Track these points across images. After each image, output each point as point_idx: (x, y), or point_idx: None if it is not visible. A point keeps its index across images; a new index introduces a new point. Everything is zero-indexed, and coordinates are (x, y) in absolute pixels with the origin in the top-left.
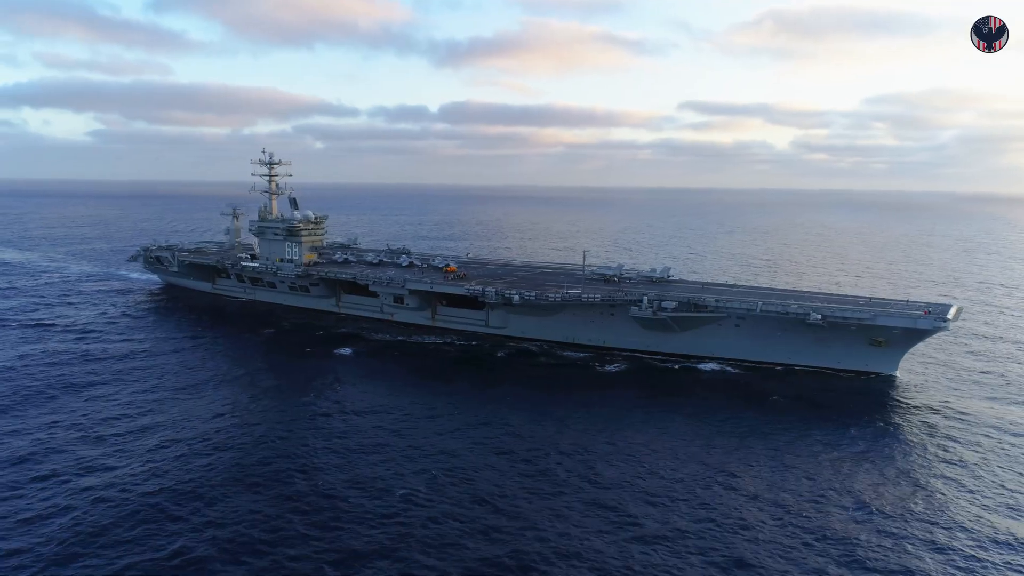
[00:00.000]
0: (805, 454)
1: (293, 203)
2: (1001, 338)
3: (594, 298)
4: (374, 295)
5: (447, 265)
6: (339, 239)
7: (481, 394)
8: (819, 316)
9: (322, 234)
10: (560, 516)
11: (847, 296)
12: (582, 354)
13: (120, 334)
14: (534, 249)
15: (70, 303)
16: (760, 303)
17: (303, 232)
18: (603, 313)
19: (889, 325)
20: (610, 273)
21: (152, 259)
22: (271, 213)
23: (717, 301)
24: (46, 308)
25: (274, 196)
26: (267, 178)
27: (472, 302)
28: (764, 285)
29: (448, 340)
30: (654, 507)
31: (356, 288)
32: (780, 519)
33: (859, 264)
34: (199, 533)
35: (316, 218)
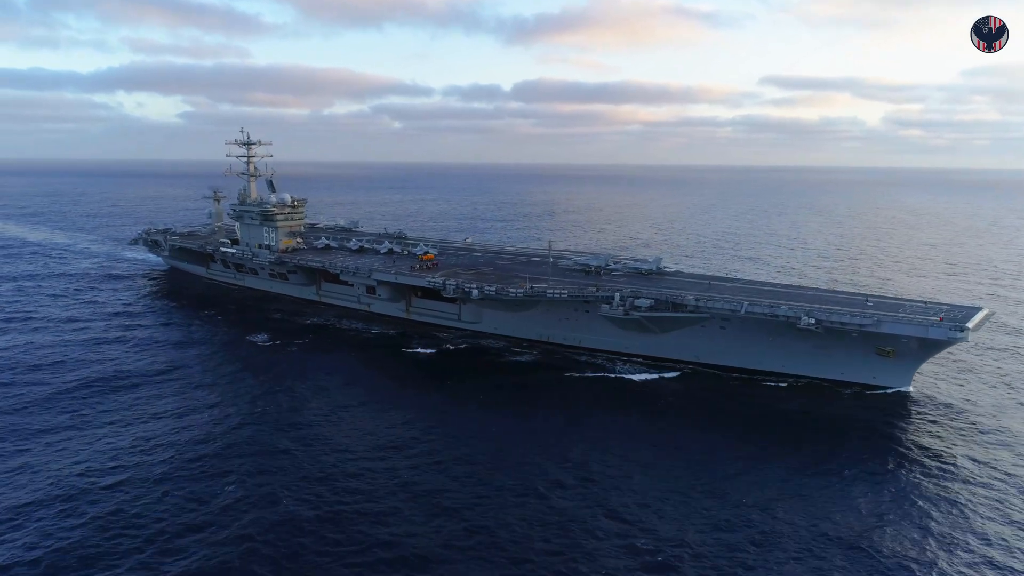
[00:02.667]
0: (751, 492)
1: (270, 185)
2: None
3: (561, 294)
4: (352, 284)
5: (425, 253)
6: (341, 222)
7: (366, 393)
8: (812, 320)
9: (300, 219)
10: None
11: (858, 295)
12: (496, 343)
13: (56, 319)
14: (571, 233)
15: (40, 285)
16: (745, 303)
17: (278, 217)
18: (577, 310)
19: (894, 333)
20: (595, 264)
21: (151, 242)
22: (250, 196)
23: (697, 300)
24: (11, 291)
25: (252, 178)
26: (244, 159)
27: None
28: (775, 280)
29: (370, 328)
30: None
31: (334, 277)
32: None
33: (916, 252)
34: None
35: (294, 202)
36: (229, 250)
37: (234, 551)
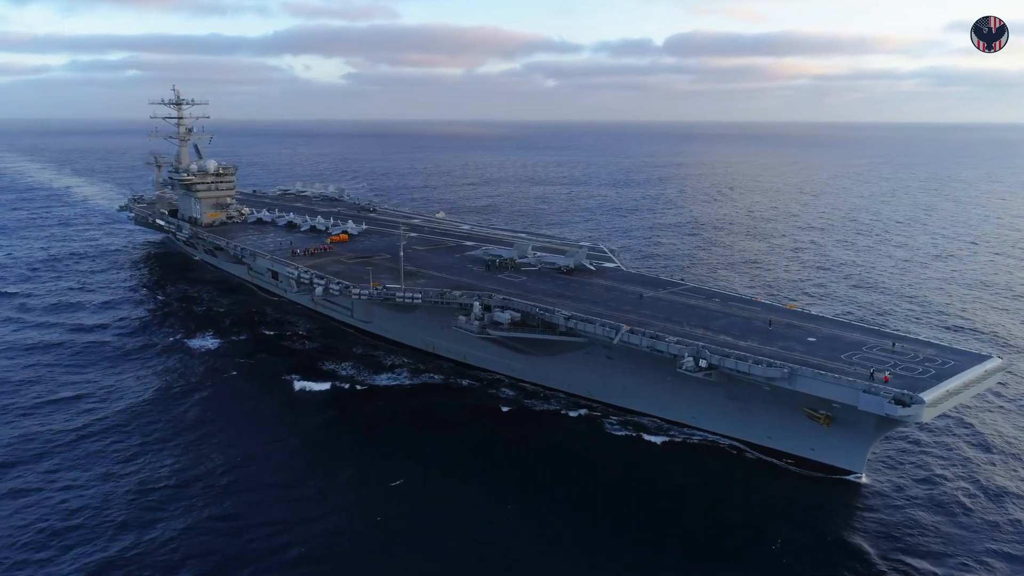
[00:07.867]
0: None
1: (197, 151)
2: None
3: (415, 298)
4: None
5: (341, 233)
6: (331, 189)
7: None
8: (702, 363)
9: (229, 189)
10: None
11: (859, 325)
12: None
13: None
14: (651, 204)
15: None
16: (623, 329)
17: (199, 187)
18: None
19: (814, 394)
20: (505, 256)
21: (127, 209)
22: (181, 162)
23: (568, 320)
24: None
25: (183, 142)
26: (174, 121)
27: None
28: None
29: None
30: None
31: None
32: None
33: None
34: None
35: (220, 170)
36: (160, 222)
37: None
